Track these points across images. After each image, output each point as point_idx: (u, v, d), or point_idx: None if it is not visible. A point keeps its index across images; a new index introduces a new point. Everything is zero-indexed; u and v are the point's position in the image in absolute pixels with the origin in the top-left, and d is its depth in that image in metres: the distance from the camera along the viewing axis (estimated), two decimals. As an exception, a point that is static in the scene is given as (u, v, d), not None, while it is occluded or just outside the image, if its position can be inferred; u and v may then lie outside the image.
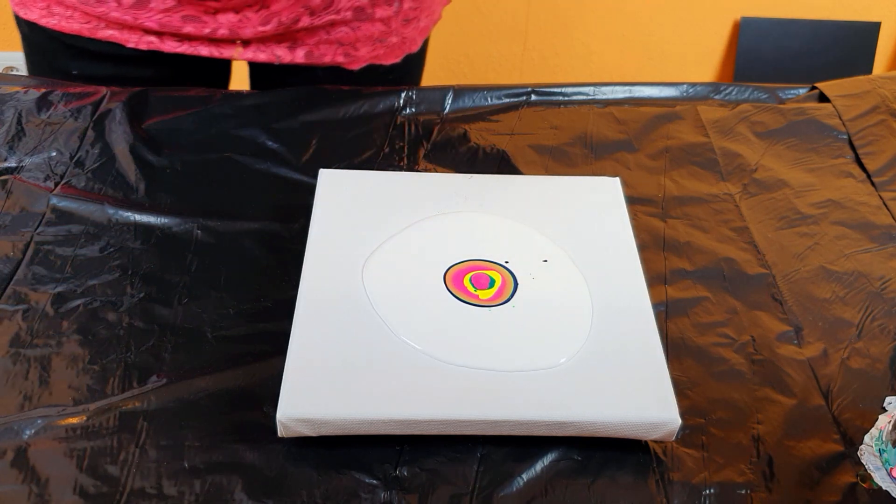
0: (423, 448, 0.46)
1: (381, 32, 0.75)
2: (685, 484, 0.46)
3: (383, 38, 0.75)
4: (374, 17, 0.74)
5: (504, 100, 0.73)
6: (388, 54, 0.79)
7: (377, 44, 0.76)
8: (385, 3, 0.73)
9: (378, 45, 0.76)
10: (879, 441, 0.48)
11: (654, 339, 0.50)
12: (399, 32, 0.77)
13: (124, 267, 0.56)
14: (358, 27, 0.74)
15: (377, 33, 0.75)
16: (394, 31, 0.76)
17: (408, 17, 0.76)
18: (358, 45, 0.75)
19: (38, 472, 0.44)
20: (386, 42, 0.76)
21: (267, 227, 0.60)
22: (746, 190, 0.66)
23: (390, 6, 0.74)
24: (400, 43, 0.78)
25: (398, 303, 0.50)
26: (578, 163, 0.68)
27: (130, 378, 0.49)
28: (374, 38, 0.75)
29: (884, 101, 0.75)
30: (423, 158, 0.67)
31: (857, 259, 0.60)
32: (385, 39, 0.76)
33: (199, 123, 0.68)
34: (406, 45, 0.80)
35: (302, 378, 0.46)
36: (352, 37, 0.74)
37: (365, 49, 0.76)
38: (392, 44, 0.77)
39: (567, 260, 0.55)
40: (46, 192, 0.60)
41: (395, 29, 0.76)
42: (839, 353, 0.53)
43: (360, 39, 0.75)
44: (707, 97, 0.76)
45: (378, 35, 0.75)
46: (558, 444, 0.47)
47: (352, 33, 0.74)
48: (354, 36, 0.74)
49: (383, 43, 0.76)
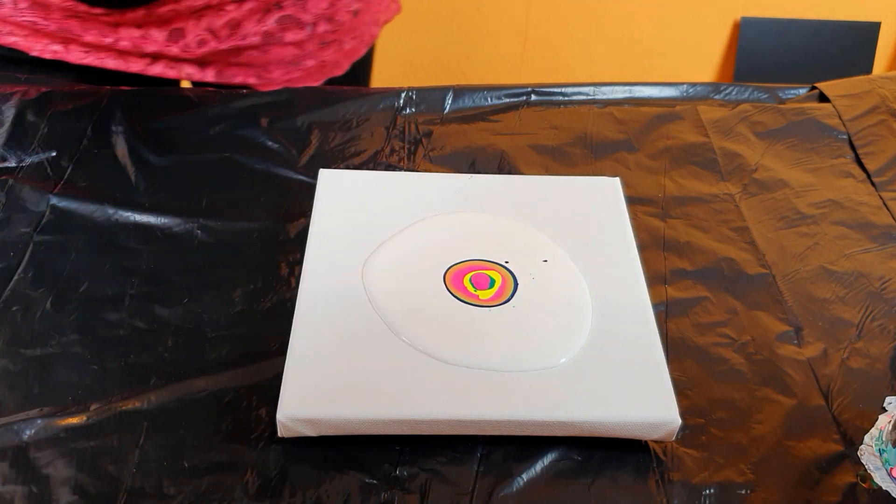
0: (423, 448, 0.46)
1: (293, 56, 0.73)
2: (685, 484, 0.46)
3: (297, 61, 0.73)
4: (285, 41, 0.72)
5: (504, 100, 0.73)
6: (305, 78, 0.76)
7: (291, 67, 0.74)
8: (296, 27, 0.71)
9: (292, 68, 0.74)
10: (879, 441, 0.48)
11: (654, 339, 0.50)
12: (316, 56, 0.74)
13: (124, 267, 0.56)
14: (268, 50, 0.72)
15: (290, 56, 0.73)
16: (308, 54, 0.73)
17: (325, 41, 0.74)
18: (270, 68, 0.73)
19: (38, 472, 0.44)
20: (301, 65, 0.74)
21: (267, 227, 0.60)
22: (746, 190, 0.66)
23: (302, 29, 0.71)
24: (319, 66, 0.76)
25: (398, 303, 0.50)
26: (578, 163, 0.68)
27: (130, 378, 0.49)
28: (287, 62, 0.73)
29: (884, 101, 0.75)
30: (423, 158, 0.67)
31: (857, 259, 0.60)
32: (299, 63, 0.73)
33: (199, 123, 0.68)
34: (326, 69, 0.77)
35: (302, 378, 0.46)
36: (262, 59, 0.72)
37: (278, 72, 0.74)
38: (309, 67, 0.75)
39: (567, 260, 0.55)
40: (46, 192, 0.60)
41: (311, 52, 0.73)
42: (839, 353, 0.53)
43: (272, 62, 0.72)
44: (707, 97, 0.76)
45: (291, 58, 0.73)
46: (558, 444, 0.47)
47: (262, 56, 0.72)
48: (265, 58, 0.72)
49: (298, 66, 0.74)
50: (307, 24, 0.71)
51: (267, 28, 0.70)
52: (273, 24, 0.70)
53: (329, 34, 0.73)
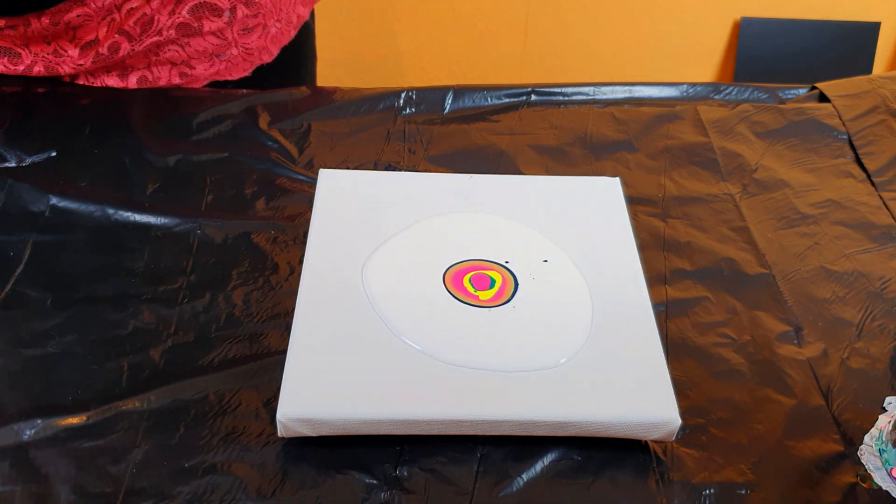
0: (423, 448, 0.46)
1: (215, 46, 0.70)
2: (685, 484, 0.46)
3: (220, 51, 0.70)
4: (204, 31, 0.69)
5: (504, 100, 0.73)
6: (231, 69, 0.73)
7: (214, 59, 0.71)
8: (213, 14, 0.68)
9: (216, 60, 0.71)
10: (879, 441, 0.48)
11: (654, 339, 0.50)
12: (240, 44, 0.71)
13: (124, 267, 0.56)
14: (187, 43, 0.69)
15: (211, 48, 0.70)
16: (231, 42, 0.70)
17: (247, 26, 0.71)
18: (193, 63, 0.71)
19: (38, 472, 0.44)
20: (225, 56, 0.71)
21: (267, 227, 0.60)
22: (746, 190, 0.66)
23: (220, 17, 0.68)
24: (244, 54, 0.73)
25: (398, 303, 0.50)
26: (578, 163, 0.68)
27: (130, 378, 0.49)
28: (210, 53, 0.70)
29: (884, 101, 0.75)
30: (423, 158, 0.67)
31: (857, 259, 0.60)
32: (223, 53, 0.70)
33: (199, 123, 0.68)
34: (253, 57, 0.74)
35: (302, 378, 0.46)
36: (183, 54, 0.69)
37: (202, 66, 0.72)
38: (234, 56, 0.72)
39: (567, 260, 0.55)
40: (46, 192, 0.60)
41: (234, 40, 0.70)
42: (839, 353, 0.53)
43: (194, 56, 0.70)
44: (707, 97, 0.76)
45: (213, 49, 0.70)
46: (558, 444, 0.47)
47: (182, 51, 0.69)
48: (186, 53, 0.69)
49: (222, 57, 0.71)
50: (224, 9, 0.69)
51: (182, 19, 0.67)
52: (187, 15, 0.67)
53: (250, 18, 0.70)
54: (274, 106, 0.70)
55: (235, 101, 0.70)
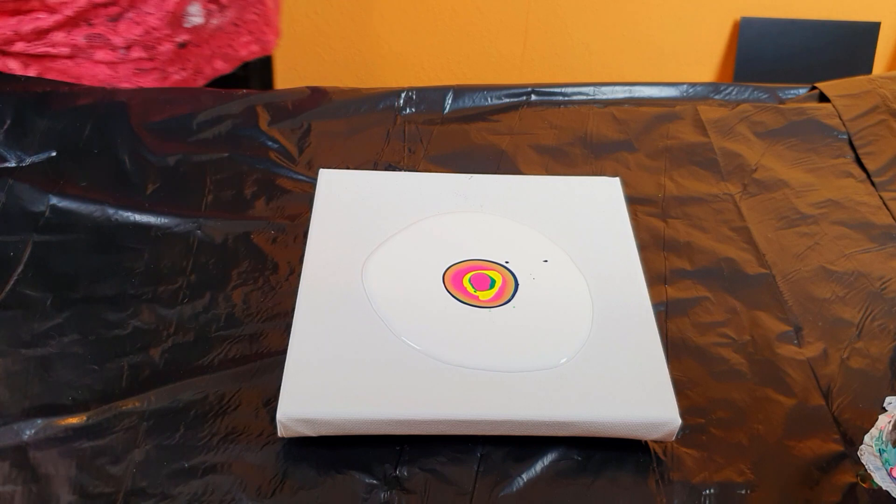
0: (423, 448, 0.46)
1: (106, 76, 0.71)
2: (685, 484, 0.46)
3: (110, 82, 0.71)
4: (95, 59, 0.70)
5: (504, 100, 0.73)
6: None
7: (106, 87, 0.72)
8: (106, 47, 0.70)
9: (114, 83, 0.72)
10: (879, 441, 0.48)
11: (654, 339, 0.50)
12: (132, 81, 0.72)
13: (124, 267, 0.56)
14: (80, 63, 0.71)
15: (102, 76, 0.71)
16: (123, 77, 0.72)
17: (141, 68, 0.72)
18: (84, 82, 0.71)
19: (38, 472, 0.44)
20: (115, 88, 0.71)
21: (267, 227, 0.60)
22: (746, 190, 0.66)
23: (114, 51, 0.70)
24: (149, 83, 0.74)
25: (398, 303, 0.50)
26: (578, 163, 0.68)
27: (130, 378, 0.49)
28: (100, 80, 0.71)
29: (884, 101, 0.75)
30: (423, 158, 0.67)
31: (857, 259, 0.60)
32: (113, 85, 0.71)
33: (199, 123, 0.68)
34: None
35: (302, 378, 0.46)
36: (76, 71, 0.71)
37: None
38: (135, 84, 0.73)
39: (567, 260, 0.55)
40: (46, 192, 0.60)
41: (126, 76, 0.72)
42: (839, 353, 0.53)
43: (85, 77, 0.71)
44: (707, 97, 0.76)
45: (104, 78, 0.71)
46: (558, 444, 0.47)
47: (75, 68, 0.71)
48: (78, 71, 0.71)
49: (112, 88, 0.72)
50: (119, 47, 0.70)
51: (76, 42, 0.69)
52: (82, 40, 0.69)
53: (145, 62, 0.72)
54: (274, 106, 0.70)
55: (235, 101, 0.70)
